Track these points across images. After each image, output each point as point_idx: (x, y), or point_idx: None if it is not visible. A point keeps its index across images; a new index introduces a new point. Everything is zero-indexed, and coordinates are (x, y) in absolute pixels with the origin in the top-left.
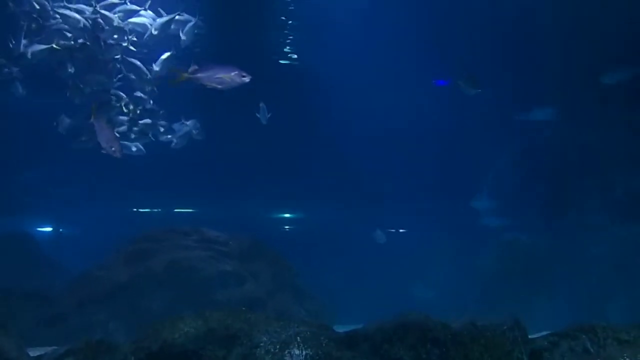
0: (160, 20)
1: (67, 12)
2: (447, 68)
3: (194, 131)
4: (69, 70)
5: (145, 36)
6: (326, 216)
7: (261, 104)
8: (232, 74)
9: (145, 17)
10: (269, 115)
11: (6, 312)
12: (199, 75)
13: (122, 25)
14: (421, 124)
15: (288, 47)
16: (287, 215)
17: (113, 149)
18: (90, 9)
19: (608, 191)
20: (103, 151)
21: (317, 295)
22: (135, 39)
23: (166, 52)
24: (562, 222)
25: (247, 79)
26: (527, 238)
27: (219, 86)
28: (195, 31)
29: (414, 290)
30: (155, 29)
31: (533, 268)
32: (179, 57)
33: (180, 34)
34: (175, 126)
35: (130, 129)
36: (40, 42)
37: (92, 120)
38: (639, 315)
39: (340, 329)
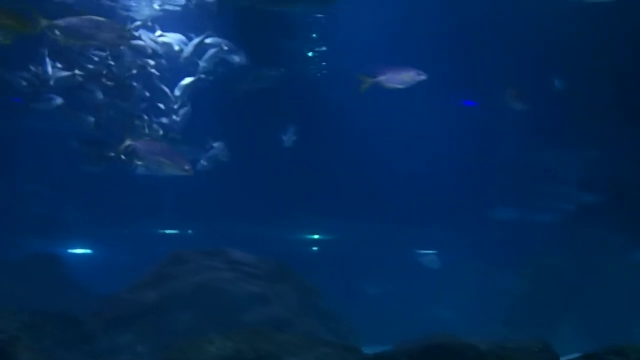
0: (191, 43)
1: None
2: (476, 89)
3: (220, 153)
4: (96, 95)
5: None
6: (352, 238)
7: (290, 127)
8: (410, 73)
9: (170, 38)
10: (293, 139)
11: (34, 333)
12: (381, 78)
13: (148, 48)
14: (449, 144)
15: (317, 65)
16: (313, 236)
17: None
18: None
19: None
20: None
21: (343, 317)
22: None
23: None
24: (588, 243)
25: (423, 77)
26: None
27: (400, 86)
28: (217, 57)
29: (439, 312)
30: (186, 52)
31: (560, 289)
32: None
33: (199, 61)
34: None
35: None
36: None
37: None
38: None
39: (367, 350)
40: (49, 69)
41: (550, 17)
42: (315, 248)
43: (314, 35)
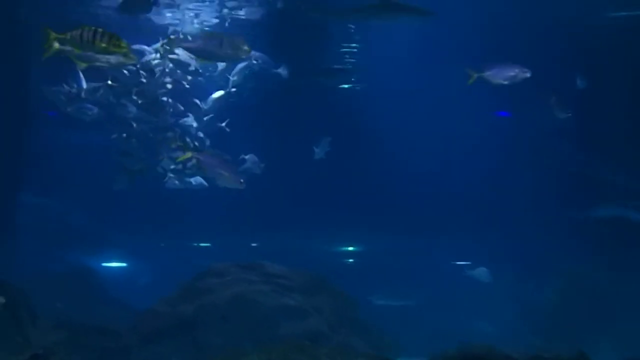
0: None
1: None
2: (507, 100)
3: (253, 165)
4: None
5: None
6: (388, 249)
7: (324, 138)
8: (516, 70)
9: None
10: (326, 150)
11: (72, 346)
12: (487, 73)
13: (183, 61)
14: (480, 156)
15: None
16: (349, 248)
17: (226, 179)
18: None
19: None
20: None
21: (380, 329)
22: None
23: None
24: (627, 253)
25: (528, 74)
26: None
27: (505, 82)
28: (246, 72)
29: (475, 323)
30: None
31: (596, 299)
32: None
33: (229, 76)
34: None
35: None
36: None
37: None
38: None
39: None
40: (83, 84)
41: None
42: (350, 260)
43: (349, 49)
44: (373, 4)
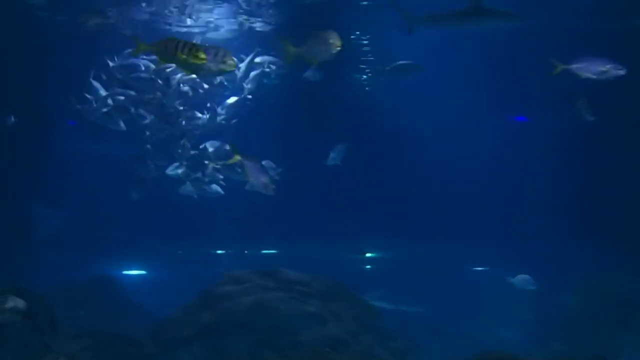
0: (243, 64)
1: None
2: (524, 105)
3: (270, 171)
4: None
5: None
6: (407, 255)
7: (340, 144)
8: (609, 66)
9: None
10: (342, 156)
11: (94, 354)
12: (575, 66)
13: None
14: (502, 162)
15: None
16: (368, 254)
17: (265, 186)
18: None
19: None
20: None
21: (400, 335)
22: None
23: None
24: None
25: (622, 72)
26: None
27: (595, 77)
28: (265, 80)
29: (495, 329)
30: (240, 73)
31: (619, 305)
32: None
33: (244, 84)
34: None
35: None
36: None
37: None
38: None
39: None
40: (101, 92)
41: None
42: (369, 266)
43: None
44: (464, 9)
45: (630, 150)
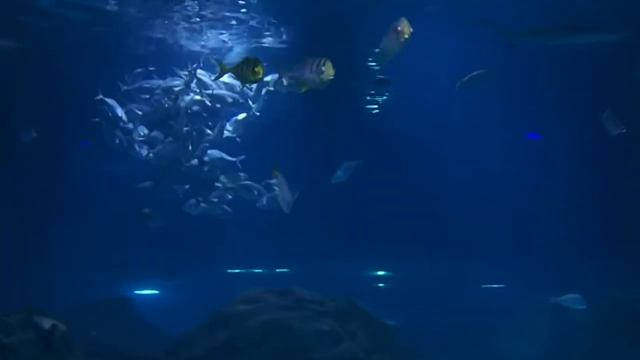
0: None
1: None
2: (537, 123)
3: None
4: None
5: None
6: (420, 273)
7: (348, 162)
8: None
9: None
10: (349, 174)
11: None
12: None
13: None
14: (514, 179)
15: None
16: (380, 272)
17: (288, 204)
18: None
19: None
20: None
21: (415, 353)
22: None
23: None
24: None
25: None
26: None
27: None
28: (266, 98)
29: (514, 347)
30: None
31: (636, 321)
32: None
33: (249, 102)
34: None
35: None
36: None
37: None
38: None
39: None
40: (119, 112)
41: None
42: (381, 284)
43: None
44: (560, 25)
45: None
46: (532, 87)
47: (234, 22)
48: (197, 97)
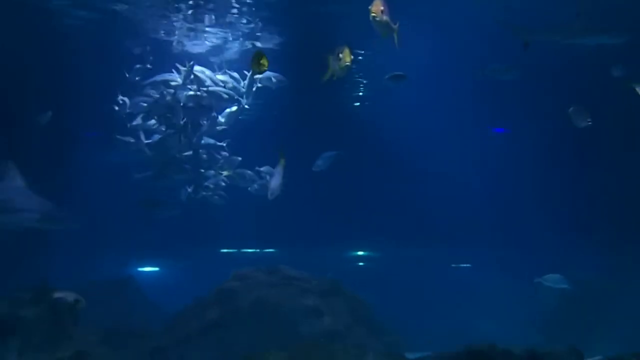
0: (244, 83)
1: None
2: (503, 118)
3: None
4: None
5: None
6: (397, 254)
7: (328, 153)
8: None
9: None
10: (327, 165)
11: (113, 347)
12: None
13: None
14: (484, 168)
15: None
16: (361, 253)
17: (273, 190)
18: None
19: None
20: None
21: (391, 328)
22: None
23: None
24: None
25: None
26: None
27: None
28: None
29: (479, 323)
30: (242, 87)
31: (591, 302)
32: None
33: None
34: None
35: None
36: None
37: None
38: None
39: (411, 356)
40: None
41: None
42: (361, 263)
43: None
44: (573, 25)
45: (603, 158)
46: (504, 84)
47: (230, 22)
48: (191, 93)
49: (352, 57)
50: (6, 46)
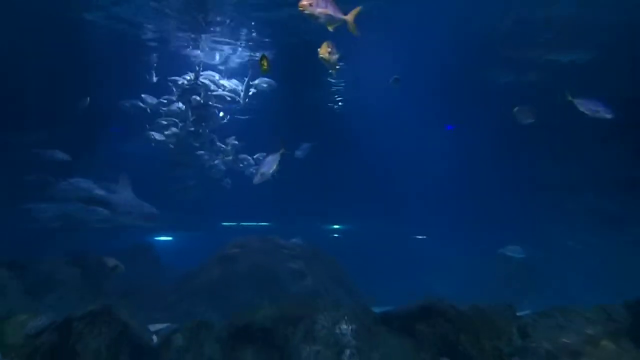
0: (244, 85)
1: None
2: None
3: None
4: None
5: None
6: (367, 227)
7: (305, 144)
8: (600, 108)
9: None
10: (305, 153)
11: (133, 304)
12: (577, 101)
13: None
14: (442, 153)
15: (337, 98)
16: (336, 226)
17: (262, 175)
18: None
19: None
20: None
21: (361, 287)
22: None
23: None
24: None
25: (609, 116)
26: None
27: (587, 113)
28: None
29: (433, 283)
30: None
31: (525, 269)
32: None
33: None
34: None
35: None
36: None
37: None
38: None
39: (377, 310)
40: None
41: None
42: (337, 235)
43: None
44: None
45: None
46: (454, 86)
47: (232, 41)
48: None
49: (328, 49)
50: (48, 52)
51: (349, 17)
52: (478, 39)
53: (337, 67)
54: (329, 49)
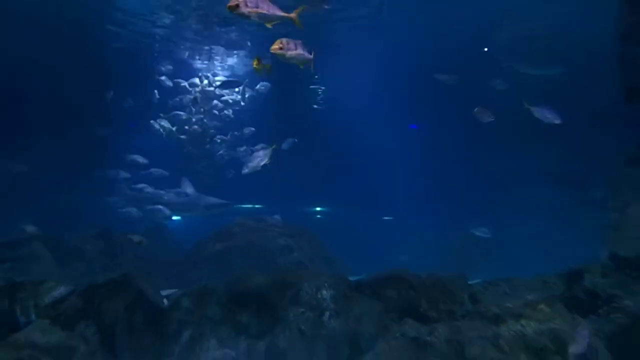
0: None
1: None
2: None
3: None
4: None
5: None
6: (344, 210)
7: (289, 139)
8: (549, 116)
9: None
10: (289, 146)
11: (148, 272)
12: (533, 108)
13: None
14: (407, 147)
15: (320, 99)
16: (319, 208)
17: (253, 167)
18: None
19: None
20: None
21: (339, 260)
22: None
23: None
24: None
25: (557, 121)
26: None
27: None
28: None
29: (399, 257)
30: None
31: (477, 244)
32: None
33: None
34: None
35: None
36: None
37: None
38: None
39: (352, 278)
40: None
41: None
42: (319, 216)
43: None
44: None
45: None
46: (420, 88)
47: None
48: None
49: (281, 45)
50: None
51: (293, 15)
52: (452, 44)
53: (308, 62)
54: (281, 45)
